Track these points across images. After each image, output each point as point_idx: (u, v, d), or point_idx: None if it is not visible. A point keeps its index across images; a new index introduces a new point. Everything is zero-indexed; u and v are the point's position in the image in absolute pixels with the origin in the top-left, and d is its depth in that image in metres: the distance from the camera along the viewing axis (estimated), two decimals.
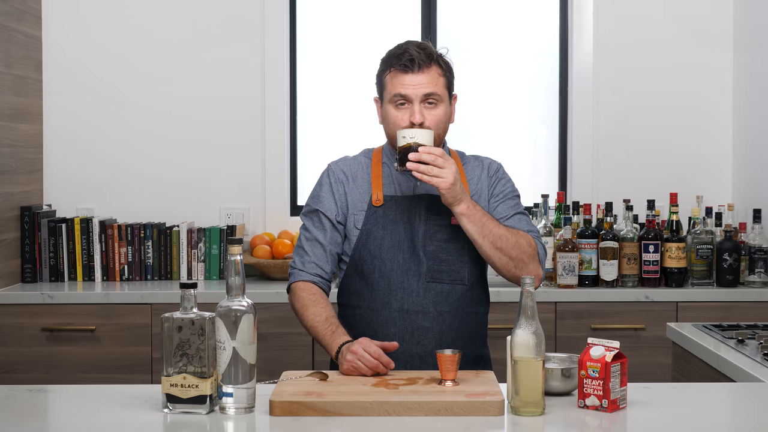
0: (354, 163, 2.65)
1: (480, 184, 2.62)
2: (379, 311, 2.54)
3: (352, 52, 4.55)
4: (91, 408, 2.11)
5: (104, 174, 4.39)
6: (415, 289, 2.53)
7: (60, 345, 3.81)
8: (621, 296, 3.88)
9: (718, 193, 4.39)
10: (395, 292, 2.53)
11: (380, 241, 2.54)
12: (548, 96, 4.56)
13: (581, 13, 4.43)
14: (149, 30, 4.39)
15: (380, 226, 2.54)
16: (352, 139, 4.42)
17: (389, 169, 2.61)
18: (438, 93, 2.50)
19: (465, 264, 2.55)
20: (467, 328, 2.54)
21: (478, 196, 2.60)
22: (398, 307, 2.53)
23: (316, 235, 2.59)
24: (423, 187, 2.57)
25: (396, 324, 2.52)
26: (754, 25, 4.26)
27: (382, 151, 2.65)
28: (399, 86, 2.49)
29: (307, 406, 2.03)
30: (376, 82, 2.59)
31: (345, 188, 2.60)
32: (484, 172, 2.64)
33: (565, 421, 2.02)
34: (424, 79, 2.48)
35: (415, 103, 2.48)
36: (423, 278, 2.53)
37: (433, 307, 2.53)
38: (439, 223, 2.55)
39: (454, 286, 2.54)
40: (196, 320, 2.03)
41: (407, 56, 2.49)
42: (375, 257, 2.54)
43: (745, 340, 2.73)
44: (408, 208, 2.55)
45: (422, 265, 2.53)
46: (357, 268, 2.57)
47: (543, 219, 4.06)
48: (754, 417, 2.12)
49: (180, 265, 4.17)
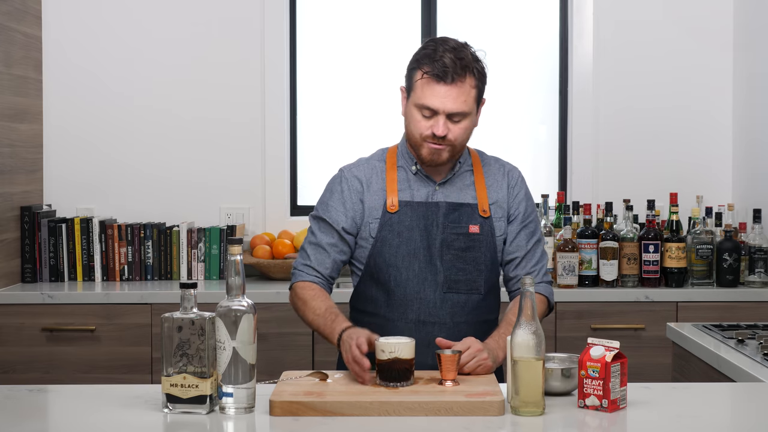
0: (368, 168, 2.57)
1: (500, 191, 2.57)
2: (395, 321, 2.49)
3: (352, 52, 4.54)
4: (91, 408, 2.11)
5: (104, 174, 4.39)
6: (431, 300, 2.48)
7: (60, 345, 3.81)
8: (621, 296, 3.88)
9: (718, 193, 4.39)
10: (411, 303, 2.48)
11: (396, 248, 2.49)
12: (548, 96, 4.56)
13: (581, 14, 4.43)
14: (150, 30, 4.39)
15: (395, 234, 2.49)
16: (352, 139, 4.42)
17: (405, 173, 2.55)
18: (465, 110, 2.43)
19: (481, 273, 2.51)
20: (480, 337, 2.45)
21: (498, 205, 2.56)
22: (414, 318, 2.48)
23: (320, 240, 2.54)
24: (440, 194, 2.53)
25: (412, 335, 2.42)
26: (754, 25, 4.26)
27: (398, 152, 2.58)
28: (429, 96, 2.41)
29: (307, 406, 2.03)
30: (406, 76, 2.50)
31: (361, 197, 2.53)
32: (505, 179, 2.60)
33: (565, 421, 2.02)
34: (455, 93, 2.40)
35: (441, 116, 2.41)
36: (440, 288, 2.48)
37: (449, 318, 2.49)
38: (457, 231, 2.50)
39: (470, 296, 2.50)
40: (196, 320, 2.03)
41: (441, 65, 2.40)
42: (390, 265, 2.49)
43: (745, 340, 2.73)
44: (424, 215, 2.50)
45: (439, 274, 2.48)
46: (372, 276, 2.52)
47: (543, 219, 4.07)
48: (754, 417, 2.12)
49: (180, 265, 4.17)
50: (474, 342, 2.31)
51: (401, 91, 2.53)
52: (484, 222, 2.53)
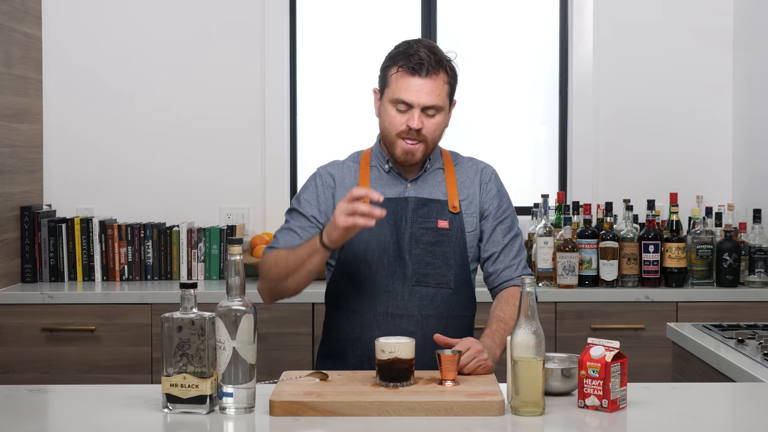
0: (343, 168, 2.63)
1: (472, 188, 2.60)
2: (364, 314, 2.53)
3: (352, 52, 4.55)
4: (91, 408, 2.11)
5: (104, 174, 4.39)
6: (400, 293, 2.52)
7: (60, 345, 3.81)
8: (621, 296, 3.88)
9: (718, 193, 4.39)
10: (380, 296, 2.52)
11: (366, 243, 2.52)
12: (548, 96, 4.56)
13: (581, 14, 4.43)
14: (150, 31, 4.39)
15: (366, 229, 2.48)
16: (352, 139, 4.42)
17: (378, 172, 2.60)
18: (439, 104, 2.48)
19: (450, 268, 2.54)
20: (452, 332, 2.48)
21: (470, 201, 2.59)
22: (383, 310, 2.51)
23: (291, 225, 2.56)
24: (411, 190, 2.57)
25: (380, 327, 2.50)
26: (754, 25, 4.26)
27: (371, 153, 2.63)
28: (404, 90, 2.46)
29: (307, 406, 2.03)
30: (380, 76, 2.55)
31: (333, 192, 2.58)
32: (477, 176, 2.62)
33: (565, 421, 2.02)
34: (430, 86, 2.45)
35: (416, 109, 2.46)
36: (408, 282, 2.52)
37: (417, 310, 2.51)
38: (426, 226, 2.53)
39: (439, 290, 2.53)
40: (196, 320, 2.03)
41: (417, 58, 2.46)
42: (361, 259, 2.53)
43: (745, 340, 2.73)
44: (394, 210, 2.53)
45: (407, 268, 2.52)
46: (343, 270, 2.56)
47: (543, 219, 4.06)
48: (754, 417, 2.12)
49: (180, 265, 4.17)
50: (474, 342, 2.32)
51: (374, 92, 2.59)
52: (453, 218, 2.56)
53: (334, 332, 2.57)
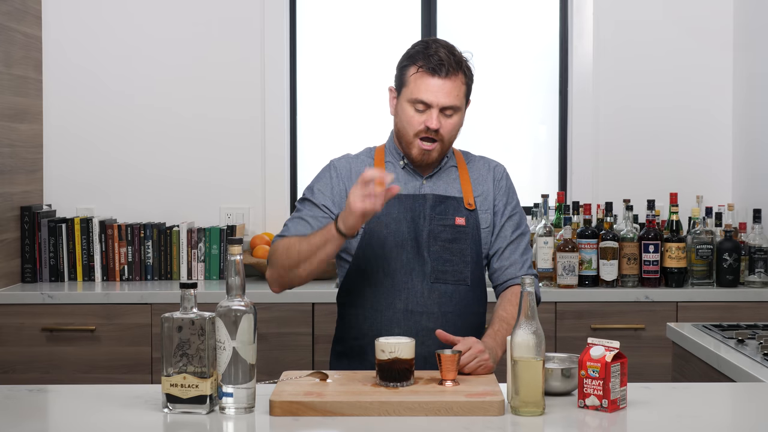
0: (356, 161, 2.62)
1: (486, 185, 2.61)
2: (383, 311, 2.51)
3: (352, 51, 4.55)
4: (91, 408, 2.11)
5: (104, 174, 4.39)
6: (419, 290, 2.51)
7: (60, 345, 3.81)
8: (621, 296, 3.88)
9: (718, 193, 4.39)
10: (399, 292, 2.51)
11: (383, 239, 2.52)
12: (548, 96, 4.56)
13: (581, 14, 4.43)
14: (150, 30, 4.39)
15: (383, 225, 2.52)
16: (352, 139, 4.42)
17: (393, 168, 2.58)
18: (457, 105, 2.48)
19: (467, 264, 2.54)
20: (468, 329, 2.52)
21: (484, 198, 2.60)
22: (402, 307, 2.51)
23: (303, 215, 2.55)
24: (427, 187, 2.57)
25: (400, 325, 2.50)
26: (754, 25, 4.26)
27: (385, 149, 2.63)
28: (423, 90, 2.45)
29: (307, 406, 2.03)
30: (396, 75, 2.54)
31: (347, 185, 2.57)
32: (490, 173, 2.63)
33: (565, 421, 2.02)
34: (449, 87, 2.45)
35: (435, 109, 2.46)
36: (427, 278, 2.51)
37: (437, 307, 2.51)
38: (444, 223, 2.53)
39: (457, 287, 2.53)
40: (196, 320, 2.03)
41: (437, 59, 2.45)
42: (379, 256, 2.52)
43: (745, 340, 2.73)
44: (411, 206, 2.53)
45: (426, 265, 2.51)
46: (360, 267, 2.54)
47: (543, 219, 4.06)
48: (754, 417, 2.12)
49: (180, 265, 4.17)
50: (475, 342, 2.32)
51: (390, 91, 2.58)
52: (469, 215, 2.56)
53: (350, 331, 2.56)
